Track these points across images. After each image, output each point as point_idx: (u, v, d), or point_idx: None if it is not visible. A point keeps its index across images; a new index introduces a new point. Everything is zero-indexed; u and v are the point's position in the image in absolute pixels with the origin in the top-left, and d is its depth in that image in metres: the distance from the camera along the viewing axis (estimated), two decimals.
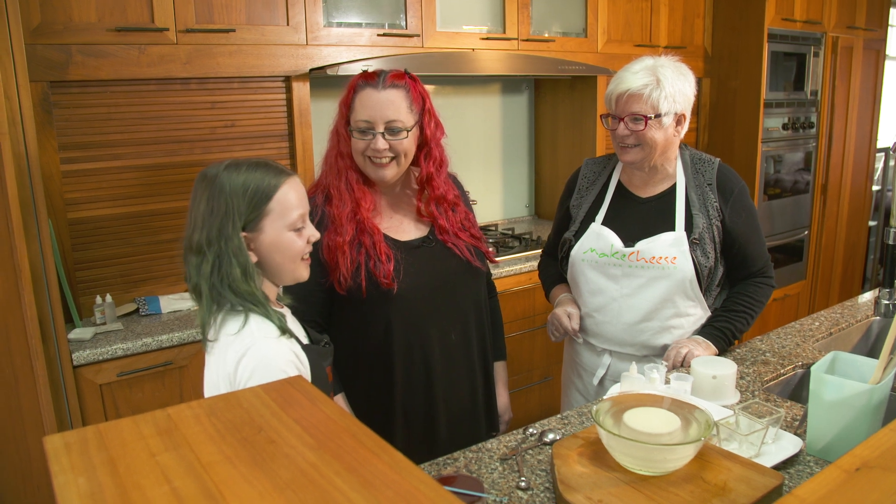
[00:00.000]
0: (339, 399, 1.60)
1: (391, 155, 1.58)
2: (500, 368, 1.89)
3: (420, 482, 0.69)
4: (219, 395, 0.90)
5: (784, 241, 4.21)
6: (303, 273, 1.33)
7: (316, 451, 0.75)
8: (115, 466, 0.72)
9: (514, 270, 2.89)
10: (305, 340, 1.35)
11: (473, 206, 1.87)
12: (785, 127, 4.02)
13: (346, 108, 1.62)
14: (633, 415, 1.17)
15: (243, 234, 1.24)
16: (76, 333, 2.12)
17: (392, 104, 1.56)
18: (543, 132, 3.77)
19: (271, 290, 1.33)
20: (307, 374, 1.26)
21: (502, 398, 1.89)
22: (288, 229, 1.27)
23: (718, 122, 4.01)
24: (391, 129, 1.57)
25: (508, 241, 3.20)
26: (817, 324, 2.03)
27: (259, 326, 1.23)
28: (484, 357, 1.79)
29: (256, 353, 1.18)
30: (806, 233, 4.34)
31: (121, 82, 2.26)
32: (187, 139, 2.43)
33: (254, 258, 1.26)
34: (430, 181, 1.67)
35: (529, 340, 3.04)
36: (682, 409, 1.20)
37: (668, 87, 1.68)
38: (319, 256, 1.58)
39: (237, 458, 0.73)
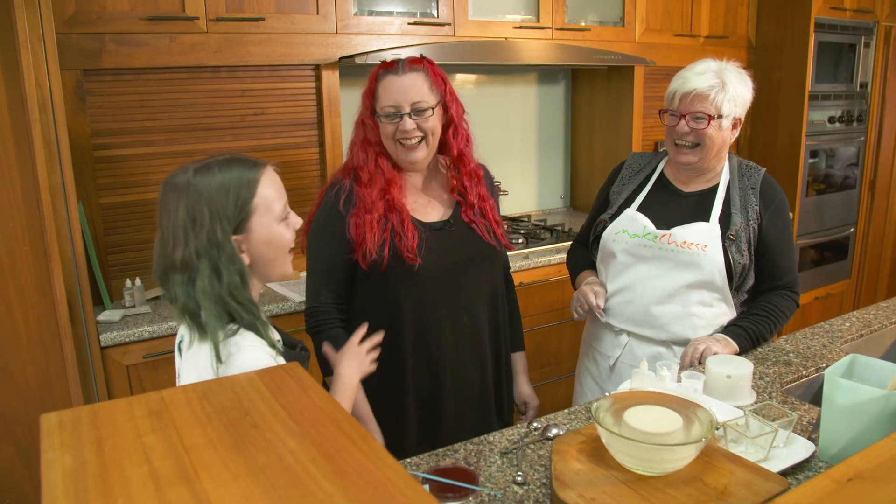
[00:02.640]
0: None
1: (419, 135, 1.64)
2: (519, 359, 1.92)
3: (394, 473, 0.69)
4: (214, 379, 0.91)
5: (829, 238, 4.07)
6: (289, 268, 1.30)
7: (297, 437, 0.76)
8: (101, 445, 0.74)
9: (543, 262, 2.86)
10: (281, 346, 1.32)
11: (503, 196, 1.89)
12: (832, 120, 3.87)
13: (371, 97, 1.68)
14: (633, 413, 1.15)
15: (234, 237, 1.20)
16: (105, 315, 2.18)
17: (414, 86, 1.62)
18: (580, 123, 3.71)
19: (256, 292, 1.30)
20: None
21: (524, 388, 1.90)
22: (277, 221, 1.25)
23: (761, 115, 3.88)
24: (417, 110, 1.63)
25: (540, 232, 3.16)
26: (847, 325, 1.95)
27: (251, 343, 1.18)
28: (496, 345, 1.81)
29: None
30: (852, 230, 4.19)
31: (152, 70, 2.31)
32: (217, 126, 2.47)
33: (246, 260, 1.22)
34: (461, 157, 1.73)
35: (558, 333, 3.01)
36: (685, 408, 1.17)
37: (731, 90, 1.72)
38: (346, 233, 1.63)
39: (219, 441, 0.74)
